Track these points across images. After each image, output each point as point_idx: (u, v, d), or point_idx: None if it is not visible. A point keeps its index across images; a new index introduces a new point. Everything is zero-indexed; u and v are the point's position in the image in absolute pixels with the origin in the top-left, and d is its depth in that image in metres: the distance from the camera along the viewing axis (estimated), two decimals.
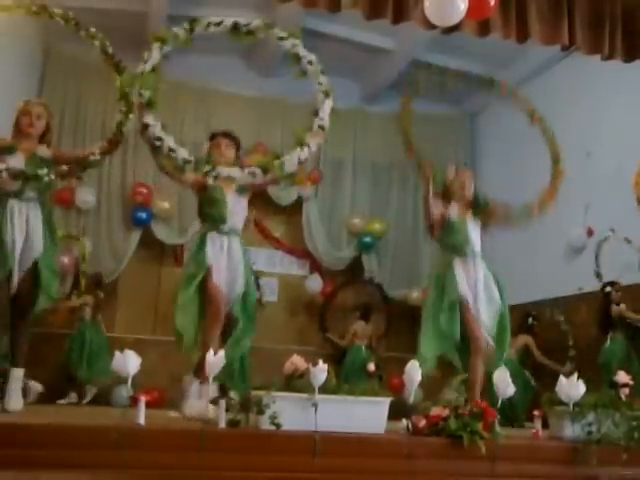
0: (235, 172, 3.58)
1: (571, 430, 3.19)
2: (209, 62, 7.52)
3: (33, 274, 3.48)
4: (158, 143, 3.47)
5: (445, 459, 2.88)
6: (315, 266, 7.90)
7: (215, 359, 2.91)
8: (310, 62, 3.84)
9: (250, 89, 7.72)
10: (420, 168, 4.40)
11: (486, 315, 3.89)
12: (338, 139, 8.09)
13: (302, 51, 3.85)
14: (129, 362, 2.73)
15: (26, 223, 3.50)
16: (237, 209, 3.82)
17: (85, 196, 6.99)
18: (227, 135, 3.96)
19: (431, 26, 3.87)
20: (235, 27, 3.75)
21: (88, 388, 6.14)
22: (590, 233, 6.33)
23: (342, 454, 2.76)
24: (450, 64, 7.57)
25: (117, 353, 2.77)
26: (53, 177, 3.51)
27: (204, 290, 3.65)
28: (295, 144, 3.69)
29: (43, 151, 3.65)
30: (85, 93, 7.18)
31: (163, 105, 7.95)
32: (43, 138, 3.72)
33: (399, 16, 4.01)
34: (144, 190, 7.15)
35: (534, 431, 3.35)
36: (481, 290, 3.92)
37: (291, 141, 8.38)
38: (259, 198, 7.80)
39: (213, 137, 3.95)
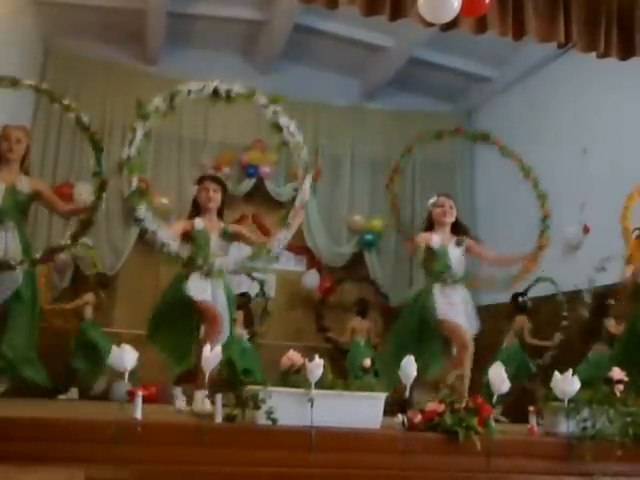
0: (226, 264, 3.70)
1: (566, 426, 3.20)
2: (206, 58, 7.52)
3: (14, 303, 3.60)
4: (151, 237, 3.58)
5: (440, 454, 2.89)
6: (313, 262, 7.92)
7: (211, 355, 2.93)
8: (291, 133, 3.81)
9: (248, 86, 7.70)
10: (407, 242, 4.57)
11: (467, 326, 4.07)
12: (337, 136, 8.12)
13: (284, 121, 3.80)
14: (126, 357, 2.74)
15: (4, 251, 3.60)
16: (219, 252, 3.89)
17: (84, 192, 6.98)
18: (214, 179, 4.05)
19: (428, 23, 3.88)
20: (215, 92, 3.75)
21: (96, 384, 6.16)
22: (586, 230, 6.34)
23: (338, 449, 2.77)
24: (447, 62, 7.63)
25: (115, 348, 2.78)
26: (25, 267, 3.63)
27: (200, 313, 3.73)
28: (278, 224, 3.79)
29: (23, 184, 3.72)
30: (85, 90, 7.17)
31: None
32: (22, 162, 3.79)
33: (396, 13, 4.01)
34: (143, 186, 7.13)
35: (529, 427, 3.36)
36: (461, 312, 4.08)
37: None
38: (257, 194, 7.83)
39: (201, 181, 4.03)
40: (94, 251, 6.74)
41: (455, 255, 4.20)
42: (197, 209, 3.99)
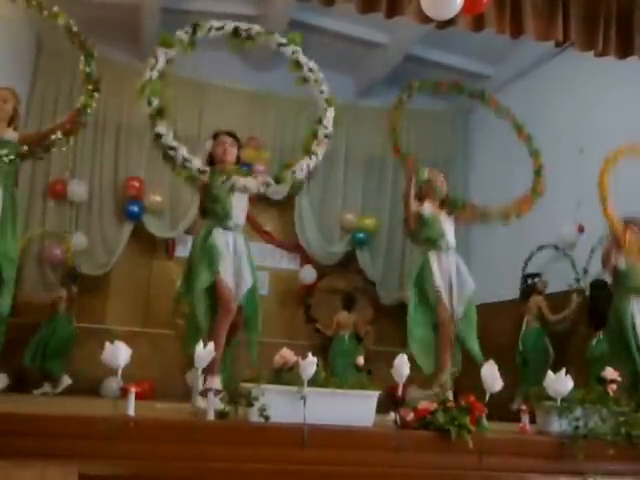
0: (250, 183, 3.62)
1: (558, 425, 3.21)
2: (203, 55, 7.44)
3: None
4: (172, 153, 3.46)
5: (433, 452, 2.90)
6: (306, 260, 7.91)
7: (204, 352, 2.92)
8: (311, 70, 3.90)
9: (244, 82, 7.69)
10: (404, 165, 4.59)
11: (457, 301, 4.25)
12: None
13: (303, 58, 3.89)
14: (119, 353, 2.73)
15: None
16: (239, 205, 3.84)
17: (77, 189, 6.96)
18: (230, 134, 4.01)
19: (425, 20, 3.87)
20: (235, 31, 3.81)
21: (62, 378, 6.13)
22: (581, 230, 6.36)
23: (331, 446, 2.77)
24: (444, 59, 7.61)
25: (107, 344, 2.76)
26: (13, 157, 3.51)
27: (215, 288, 3.66)
28: (303, 153, 3.76)
29: (9, 135, 3.67)
30: (77, 84, 7.13)
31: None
32: (11, 123, 3.73)
33: (393, 10, 4.00)
34: (136, 183, 7.13)
35: (521, 425, 3.37)
36: (454, 280, 4.27)
37: (284, 135, 8.41)
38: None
39: (216, 136, 3.99)
40: (68, 238, 6.70)
41: (447, 223, 4.38)
42: (212, 164, 3.87)
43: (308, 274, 7.75)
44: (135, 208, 7.08)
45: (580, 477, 3.01)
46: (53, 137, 3.63)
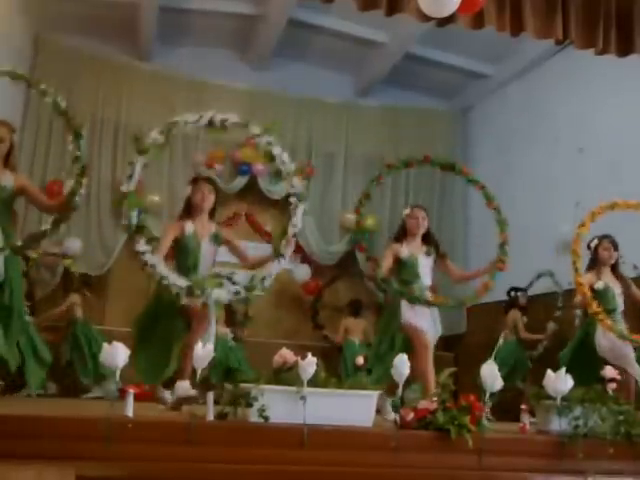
0: (222, 295, 3.69)
1: (558, 424, 3.20)
2: (201, 54, 7.49)
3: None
4: (151, 270, 3.59)
5: (432, 452, 2.89)
6: (306, 260, 7.90)
7: (203, 353, 2.91)
8: (283, 162, 3.84)
9: (242, 81, 7.69)
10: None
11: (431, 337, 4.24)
12: (330, 133, 8.09)
13: (276, 150, 3.82)
14: (117, 354, 2.71)
15: None
16: (208, 256, 3.95)
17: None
18: (209, 181, 4.11)
19: (425, 18, 3.85)
20: (210, 123, 3.81)
21: (94, 386, 6.09)
22: None
23: (330, 447, 2.76)
24: (444, 58, 7.61)
25: (105, 345, 2.75)
26: (6, 253, 3.54)
27: (188, 315, 3.74)
28: (272, 254, 3.80)
29: (7, 180, 3.64)
30: (75, 84, 7.12)
31: (154, 97, 7.93)
32: (7, 159, 3.70)
33: (393, 8, 3.98)
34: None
35: (521, 425, 3.37)
36: (428, 322, 4.24)
37: (283, 134, 8.41)
38: (251, 192, 7.80)
39: (195, 182, 4.06)
40: (71, 260, 6.70)
41: (424, 264, 4.38)
42: (189, 209, 4.00)
43: (301, 272, 7.73)
44: None
45: (580, 476, 3.01)
46: (43, 228, 3.71)
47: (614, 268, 4.68)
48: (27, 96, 6.93)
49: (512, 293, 6.61)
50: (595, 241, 4.71)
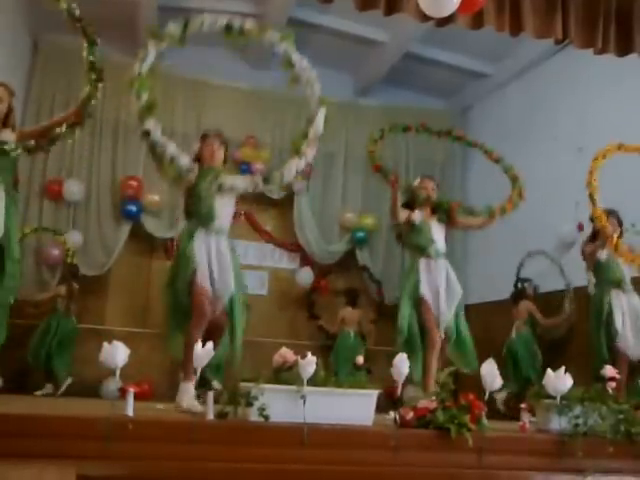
0: (237, 181, 3.63)
1: (558, 423, 3.21)
2: (201, 53, 7.45)
3: None
4: (160, 150, 3.47)
5: (432, 451, 2.89)
6: (306, 260, 7.90)
7: (203, 351, 2.91)
8: (303, 68, 3.89)
9: (242, 81, 7.68)
10: (387, 179, 4.63)
11: (446, 308, 4.29)
12: (330, 132, 7.99)
13: (296, 56, 3.87)
14: (117, 354, 2.72)
15: None
16: (224, 208, 3.76)
17: (74, 189, 6.95)
18: (218, 136, 3.97)
19: (424, 18, 3.85)
20: (228, 26, 3.80)
21: (63, 378, 6.09)
22: (581, 228, 6.34)
23: (330, 446, 2.77)
24: (443, 58, 7.61)
25: (105, 345, 2.75)
26: (20, 151, 3.46)
27: (190, 291, 3.61)
28: (292, 153, 3.75)
29: (7, 135, 3.59)
30: (75, 82, 7.10)
31: (155, 96, 7.88)
32: (7, 119, 3.65)
33: (392, 7, 3.98)
34: (134, 183, 7.11)
35: (521, 424, 3.37)
36: (442, 287, 4.31)
37: (283, 134, 8.38)
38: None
39: (204, 137, 3.95)
40: (63, 237, 6.69)
41: (437, 230, 4.44)
42: (200, 166, 3.82)
43: (305, 277, 7.73)
44: (133, 208, 7.06)
45: (580, 475, 3.01)
46: (58, 130, 3.57)
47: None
48: (26, 94, 6.93)
49: (519, 284, 6.58)
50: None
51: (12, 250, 3.52)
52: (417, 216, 4.43)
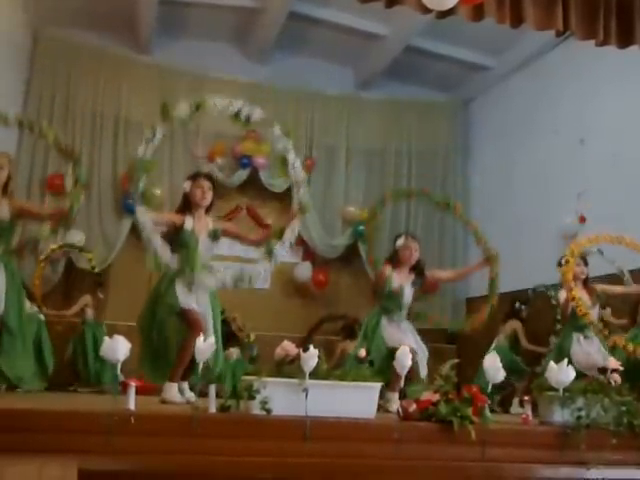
0: (210, 280, 3.80)
1: (560, 415, 3.20)
2: (201, 47, 7.46)
3: None
4: (146, 241, 3.71)
5: (435, 444, 2.89)
6: (308, 253, 7.90)
7: (205, 345, 2.91)
8: (295, 170, 4.00)
9: (242, 75, 7.66)
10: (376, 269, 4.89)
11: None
12: (331, 126, 8.07)
13: (291, 156, 3.99)
14: (118, 348, 2.71)
15: None
16: (205, 252, 3.93)
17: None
18: (208, 177, 4.10)
19: (425, 10, 3.82)
20: (237, 115, 3.99)
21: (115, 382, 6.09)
22: (582, 221, 6.33)
23: (333, 439, 2.77)
24: (444, 50, 7.57)
25: (106, 339, 2.75)
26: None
27: (184, 319, 3.75)
28: (265, 255, 3.91)
29: (4, 211, 3.76)
30: (74, 77, 7.11)
31: (154, 91, 7.89)
32: (6, 188, 3.81)
33: (393, 0, 3.96)
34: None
35: (524, 416, 3.37)
36: (409, 338, 4.36)
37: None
38: (252, 185, 7.79)
39: (195, 177, 4.04)
40: (91, 254, 6.74)
41: (408, 294, 4.52)
42: (187, 204, 3.96)
43: (304, 271, 7.72)
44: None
45: (582, 467, 3.01)
46: (44, 233, 4.04)
47: (585, 283, 4.74)
48: (27, 89, 6.92)
49: (516, 304, 6.55)
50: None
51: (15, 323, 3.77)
52: (395, 279, 4.47)
